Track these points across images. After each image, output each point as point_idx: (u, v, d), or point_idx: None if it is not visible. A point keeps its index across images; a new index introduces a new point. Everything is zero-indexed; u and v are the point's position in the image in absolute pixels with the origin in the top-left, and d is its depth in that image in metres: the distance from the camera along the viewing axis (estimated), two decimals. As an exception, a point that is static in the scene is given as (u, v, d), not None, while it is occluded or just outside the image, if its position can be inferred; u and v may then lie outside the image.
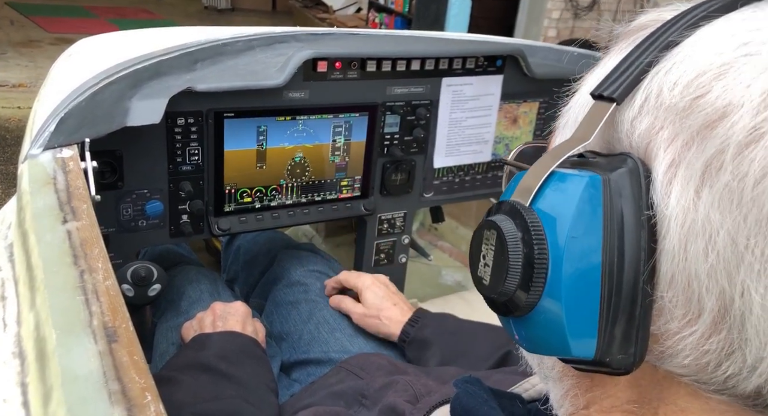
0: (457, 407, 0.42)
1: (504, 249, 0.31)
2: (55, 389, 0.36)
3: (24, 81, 3.79)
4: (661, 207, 0.29)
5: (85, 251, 0.48)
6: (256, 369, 0.74)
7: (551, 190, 0.32)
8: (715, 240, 0.27)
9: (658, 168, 0.29)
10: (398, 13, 5.18)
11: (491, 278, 0.33)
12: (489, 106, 1.09)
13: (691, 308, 0.28)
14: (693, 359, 0.29)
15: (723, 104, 0.27)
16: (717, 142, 0.27)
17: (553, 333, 0.31)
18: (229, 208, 0.95)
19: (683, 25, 0.31)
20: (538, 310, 0.31)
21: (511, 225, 0.32)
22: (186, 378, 0.68)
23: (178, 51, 0.82)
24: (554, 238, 0.31)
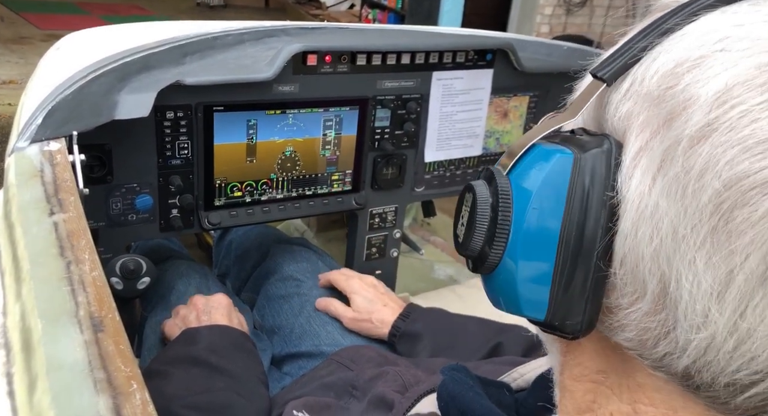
0: (443, 393, 0.43)
1: (475, 212, 0.35)
2: (41, 378, 0.36)
3: (14, 78, 3.76)
4: (623, 190, 0.31)
5: (71, 242, 0.48)
6: (246, 362, 0.74)
7: (528, 162, 0.34)
8: (660, 226, 0.28)
9: (628, 152, 0.31)
10: (391, 9, 5.17)
11: (464, 236, 0.36)
12: (479, 100, 1.10)
13: (637, 287, 0.30)
14: (636, 334, 0.31)
15: (685, 98, 0.28)
16: (675, 134, 0.28)
17: (510, 293, 0.34)
18: (220, 202, 0.95)
19: (686, 13, 0.31)
20: (499, 271, 0.34)
21: (485, 190, 0.35)
22: (177, 372, 0.68)
23: (167, 44, 0.82)
24: (520, 208, 0.33)
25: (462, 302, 1.22)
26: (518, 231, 0.33)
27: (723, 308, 0.27)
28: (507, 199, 0.33)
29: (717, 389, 0.29)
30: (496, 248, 0.34)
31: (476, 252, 0.35)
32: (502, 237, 0.33)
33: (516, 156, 0.34)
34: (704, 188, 0.27)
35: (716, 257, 0.27)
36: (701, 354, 0.28)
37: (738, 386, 0.28)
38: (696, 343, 0.28)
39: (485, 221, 0.34)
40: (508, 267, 0.34)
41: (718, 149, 0.27)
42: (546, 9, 4.75)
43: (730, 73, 0.27)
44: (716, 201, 0.27)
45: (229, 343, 0.76)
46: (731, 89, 0.27)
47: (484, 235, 0.34)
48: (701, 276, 0.27)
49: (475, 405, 0.40)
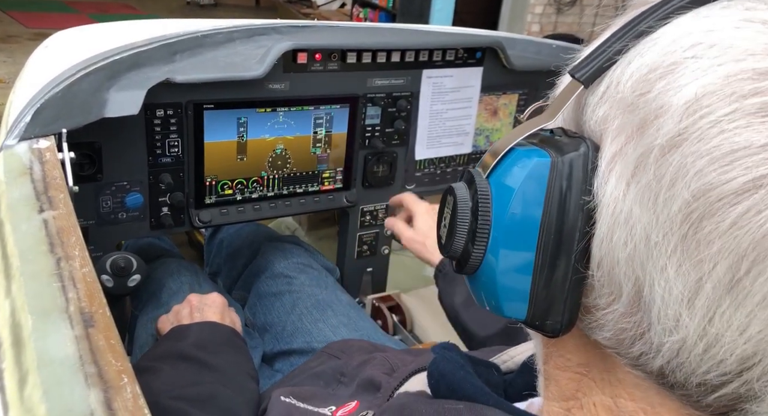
0: (434, 371, 0.44)
1: (456, 215, 0.35)
2: (31, 373, 0.36)
3: (2, 77, 3.73)
4: (599, 194, 0.31)
5: (61, 239, 0.48)
6: (235, 358, 0.74)
7: (506, 165, 0.34)
8: (633, 232, 0.29)
9: (604, 157, 0.31)
10: (382, 8, 5.17)
11: (446, 238, 0.37)
12: (469, 97, 1.10)
13: (613, 289, 0.31)
14: (613, 334, 0.32)
15: (657, 106, 0.29)
16: (647, 142, 0.29)
17: (491, 294, 0.35)
18: (210, 200, 0.95)
19: (659, 14, 0.31)
20: (481, 272, 0.35)
21: (465, 193, 0.35)
22: (165, 367, 0.68)
23: (156, 42, 0.82)
24: (499, 211, 0.34)
25: (453, 299, 1.23)
26: (498, 234, 0.33)
27: (693, 314, 0.28)
28: (486, 202, 0.34)
29: (690, 388, 0.30)
30: (477, 250, 0.34)
31: (458, 254, 0.35)
32: (482, 240, 0.34)
33: (494, 159, 0.35)
34: (675, 197, 0.27)
35: (686, 265, 0.27)
36: (674, 355, 0.29)
37: (709, 386, 0.29)
38: (669, 345, 0.29)
39: (465, 223, 0.35)
40: (488, 269, 0.34)
41: (688, 159, 0.27)
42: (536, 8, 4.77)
43: (700, 82, 0.28)
44: (686, 210, 0.27)
45: (218, 339, 0.76)
46: (701, 99, 0.27)
47: (464, 237, 0.35)
48: (672, 282, 0.28)
49: (465, 384, 0.41)
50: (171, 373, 0.67)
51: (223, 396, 0.65)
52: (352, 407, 0.43)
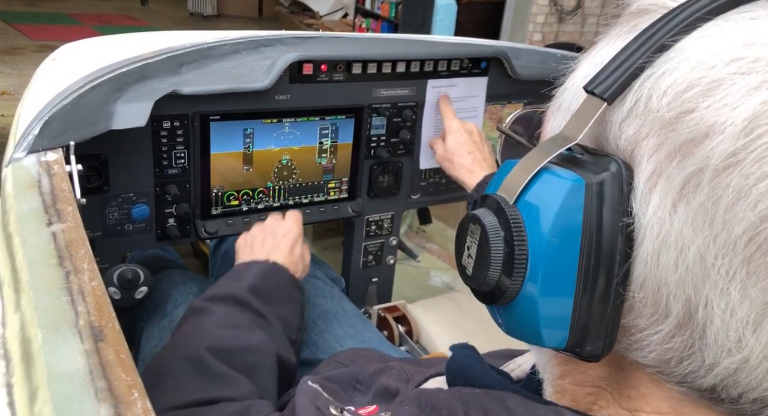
0: (452, 366, 0.44)
1: (486, 246, 0.33)
2: (41, 388, 0.36)
3: (7, 89, 3.75)
4: (639, 215, 0.30)
5: (70, 252, 0.48)
6: (285, 312, 0.75)
7: (536, 189, 0.33)
8: (686, 254, 0.28)
9: (640, 176, 0.30)
10: (385, 18, 5.20)
11: (474, 269, 0.35)
12: (474, 107, 1.10)
13: (658, 310, 0.30)
14: (657, 354, 0.31)
15: (707, 124, 0.28)
16: (697, 161, 0.28)
17: (529, 325, 0.33)
18: (216, 211, 0.95)
19: (678, 25, 0.30)
20: (516, 303, 0.33)
21: (494, 221, 0.33)
22: (219, 309, 0.70)
23: (163, 54, 0.82)
24: (535, 239, 0.32)
25: (459, 309, 1.22)
26: (536, 262, 0.32)
27: (759, 335, 0.27)
28: (521, 231, 0.32)
29: (744, 403, 0.29)
30: (515, 280, 0.32)
31: (491, 286, 0.33)
32: (520, 270, 0.32)
33: (521, 183, 0.33)
34: (737, 219, 0.27)
35: (754, 288, 0.27)
36: (731, 373, 0.28)
37: (767, 401, 0.29)
38: (725, 365, 0.28)
39: (500, 253, 0.33)
40: (527, 300, 0.32)
41: (749, 179, 0.26)
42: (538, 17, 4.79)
43: (755, 100, 0.27)
44: (752, 232, 0.26)
45: (275, 288, 0.76)
46: (758, 117, 0.27)
47: (500, 268, 0.33)
48: (736, 305, 0.27)
49: (482, 376, 0.40)
50: (220, 316, 0.69)
51: (262, 369, 0.66)
52: (371, 410, 0.42)
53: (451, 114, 1.01)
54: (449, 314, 1.20)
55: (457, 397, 0.38)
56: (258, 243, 0.84)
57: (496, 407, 0.35)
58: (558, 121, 0.36)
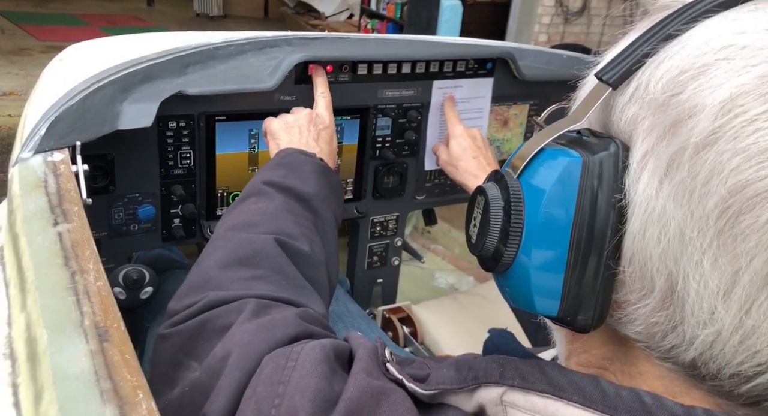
0: (488, 345, 0.45)
1: (488, 214, 0.36)
2: (47, 388, 0.36)
3: (14, 89, 3.77)
4: (631, 192, 0.32)
5: (76, 252, 0.48)
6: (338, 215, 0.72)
7: (538, 165, 0.35)
8: (667, 228, 0.30)
9: (634, 155, 0.32)
10: (390, 19, 5.20)
11: (477, 237, 0.38)
12: (480, 108, 1.10)
13: (645, 284, 0.32)
14: (644, 328, 0.32)
15: (691, 105, 0.29)
16: (681, 140, 0.29)
17: (523, 292, 0.35)
18: (221, 212, 0.95)
19: (686, 18, 0.32)
20: (512, 271, 0.35)
21: (497, 192, 0.36)
22: (279, 197, 0.66)
23: (169, 55, 0.82)
24: (532, 210, 0.34)
25: (463, 310, 1.22)
26: (531, 232, 0.34)
27: (729, 306, 0.28)
28: (519, 201, 0.34)
29: (722, 379, 0.30)
30: (510, 248, 0.35)
31: (490, 252, 0.36)
32: (516, 238, 0.34)
33: (526, 159, 0.35)
34: (710, 194, 0.28)
35: (723, 259, 0.28)
36: (707, 347, 0.30)
37: (743, 376, 0.30)
38: (702, 338, 0.30)
39: (498, 222, 0.35)
40: (521, 267, 0.35)
41: (723, 156, 0.28)
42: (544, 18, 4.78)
43: (734, 83, 0.28)
44: (722, 206, 0.28)
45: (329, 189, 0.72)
46: (735, 98, 0.28)
47: (497, 236, 0.35)
48: (708, 276, 0.28)
49: (518, 353, 0.41)
50: (287, 213, 0.64)
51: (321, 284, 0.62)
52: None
53: (455, 118, 1.01)
54: (454, 315, 1.20)
55: (494, 360, 0.39)
56: (299, 130, 0.79)
57: (532, 370, 0.36)
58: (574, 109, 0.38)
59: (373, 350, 0.43)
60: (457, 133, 0.99)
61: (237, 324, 0.48)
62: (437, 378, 0.39)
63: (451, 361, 0.41)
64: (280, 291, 0.54)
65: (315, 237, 0.65)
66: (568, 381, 0.34)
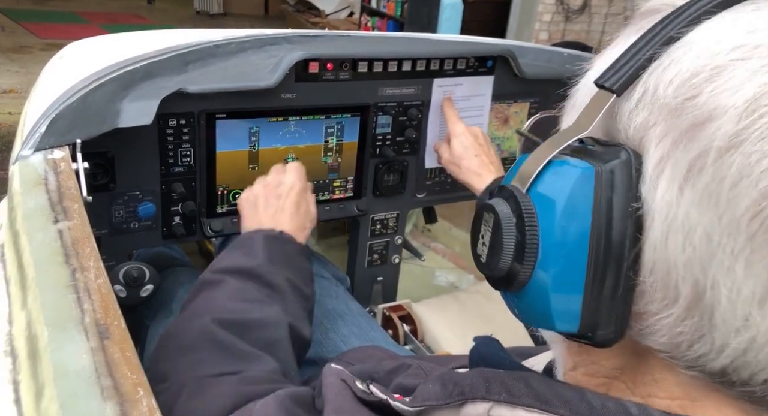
0: (474, 355, 0.44)
1: (499, 232, 0.34)
2: (47, 385, 0.36)
3: (15, 87, 3.77)
4: (648, 200, 0.31)
5: (76, 250, 0.48)
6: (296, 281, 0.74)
7: (547, 178, 0.34)
8: (692, 235, 0.29)
9: (649, 162, 0.31)
10: (390, 16, 5.20)
11: (488, 256, 0.36)
12: (480, 106, 1.10)
13: (668, 293, 0.31)
14: (668, 338, 0.31)
15: (710, 108, 0.29)
16: (702, 144, 0.29)
17: (541, 311, 0.34)
18: (222, 210, 0.95)
19: (685, 19, 0.31)
20: (528, 289, 0.34)
21: (507, 209, 0.35)
22: (231, 280, 0.69)
23: (169, 53, 0.82)
24: (546, 225, 0.33)
25: (464, 308, 1.22)
26: (547, 249, 0.33)
27: (765, 312, 0.28)
28: (532, 218, 0.33)
29: (754, 385, 0.30)
30: (526, 266, 0.33)
31: (503, 271, 0.35)
32: (531, 255, 0.33)
33: (533, 172, 0.34)
34: (739, 197, 0.27)
35: (758, 265, 0.27)
36: (740, 354, 0.29)
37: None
38: (734, 345, 0.29)
39: (512, 240, 0.34)
40: (538, 285, 0.33)
41: (751, 158, 0.27)
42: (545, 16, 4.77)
43: (755, 83, 0.28)
44: (754, 210, 0.27)
45: (284, 258, 0.75)
46: (759, 98, 0.27)
47: (512, 254, 0.34)
48: (741, 282, 0.28)
49: (504, 363, 0.41)
50: (235, 291, 0.68)
51: (280, 343, 0.65)
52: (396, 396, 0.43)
53: (455, 117, 1.01)
54: (454, 313, 1.20)
55: (479, 375, 0.38)
56: (262, 204, 0.82)
57: (518, 384, 0.36)
58: (572, 117, 0.37)
59: (341, 386, 0.43)
60: (458, 131, 0.98)
61: (177, 406, 0.53)
62: (423, 394, 0.39)
63: (437, 376, 0.41)
64: (220, 367, 0.58)
65: (270, 303, 0.68)
66: (554, 394, 0.34)
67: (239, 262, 0.72)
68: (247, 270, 0.71)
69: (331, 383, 0.44)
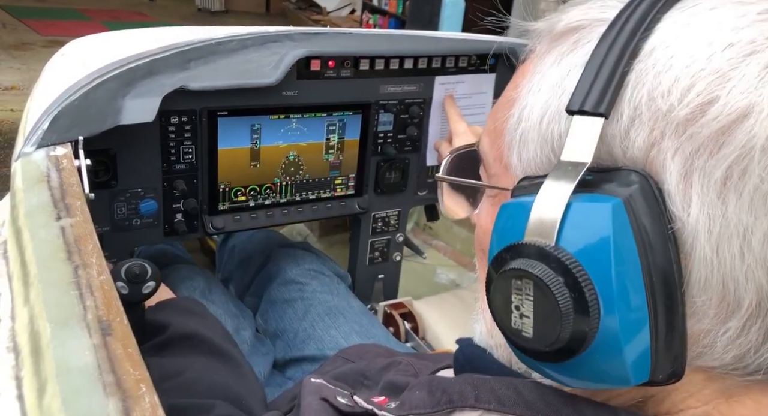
0: (459, 357, 0.43)
1: (549, 297, 0.29)
2: (50, 381, 0.36)
3: (16, 83, 3.77)
4: (683, 218, 0.29)
5: (79, 247, 0.48)
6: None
7: (574, 222, 0.30)
8: (750, 241, 0.28)
9: (670, 179, 0.29)
10: (392, 14, 5.19)
11: (536, 329, 0.31)
12: (482, 104, 1.10)
13: (725, 307, 0.29)
14: (735, 351, 0.30)
15: (738, 108, 0.28)
16: (738, 146, 0.27)
17: (615, 368, 0.30)
18: (224, 207, 0.96)
19: (639, 25, 0.30)
20: (595, 349, 0.30)
21: (546, 269, 0.29)
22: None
23: (171, 50, 0.82)
24: (598, 275, 0.29)
25: (465, 306, 1.22)
26: (609, 303, 0.29)
27: None
28: (583, 273, 0.29)
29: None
30: (592, 326, 0.29)
31: (565, 340, 0.30)
32: (595, 312, 0.29)
33: (555, 222, 0.30)
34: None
35: None
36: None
37: None
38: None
39: (569, 302, 0.29)
40: (606, 341, 0.29)
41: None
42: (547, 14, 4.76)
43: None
44: None
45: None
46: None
47: (572, 321, 0.29)
48: None
49: (491, 365, 0.40)
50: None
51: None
52: (381, 399, 0.43)
53: (458, 116, 1.01)
54: (455, 311, 1.20)
55: (468, 382, 0.37)
56: None
57: (507, 391, 0.35)
58: (527, 153, 0.35)
59: (320, 409, 0.43)
60: (460, 130, 0.98)
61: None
62: (410, 401, 0.38)
63: (424, 381, 0.40)
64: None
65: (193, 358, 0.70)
66: (544, 402, 0.33)
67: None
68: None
69: (309, 405, 0.43)
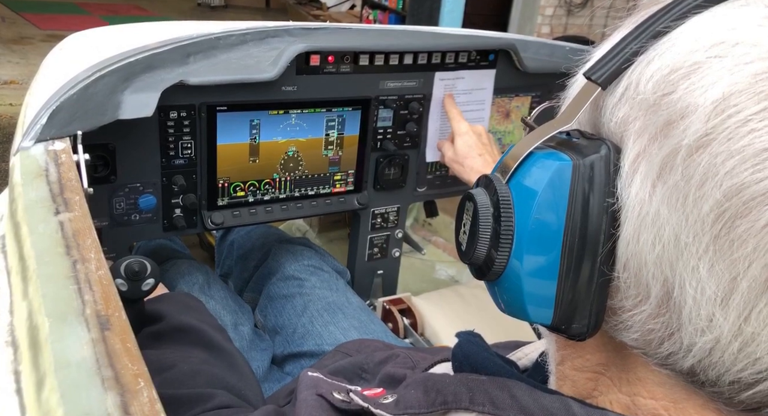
0: (458, 353, 0.44)
1: (477, 221, 0.35)
2: (48, 376, 0.36)
3: (15, 78, 3.76)
4: (623, 196, 0.31)
5: (77, 241, 0.48)
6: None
7: (527, 169, 0.34)
8: (661, 233, 0.29)
9: (626, 158, 0.31)
10: (392, 9, 5.17)
11: (467, 245, 0.36)
12: (482, 100, 1.10)
13: (640, 290, 0.31)
14: (641, 335, 0.32)
15: (683, 106, 0.29)
16: (673, 142, 0.29)
17: (516, 300, 0.34)
18: (223, 202, 0.95)
19: (675, 14, 0.31)
20: (504, 279, 0.34)
21: (486, 199, 0.35)
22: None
23: (170, 44, 0.82)
24: (522, 215, 0.33)
25: (464, 302, 1.22)
26: (521, 239, 0.33)
27: (727, 313, 0.28)
28: (508, 207, 0.34)
29: (721, 386, 0.29)
30: (501, 256, 0.34)
31: (480, 260, 0.35)
32: (506, 245, 0.33)
33: (513, 165, 0.34)
34: (705, 197, 0.27)
35: (719, 265, 0.27)
36: (706, 354, 0.29)
37: (742, 384, 0.29)
38: (700, 345, 0.29)
39: (488, 229, 0.34)
40: (513, 274, 0.34)
41: (717, 158, 0.27)
42: (547, 10, 4.76)
43: (727, 81, 0.27)
44: (717, 210, 0.27)
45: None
46: (729, 98, 0.27)
47: (487, 243, 0.34)
48: (705, 282, 0.28)
49: (488, 363, 0.41)
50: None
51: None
52: (378, 391, 0.43)
53: (459, 115, 1.01)
54: (454, 307, 1.20)
55: (462, 383, 0.38)
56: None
57: (501, 394, 0.36)
58: (563, 109, 0.37)
59: (316, 405, 0.43)
60: (462, 130, 0.98)
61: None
62: (405, 400, 0.39)
63: (419, 380, 0.41)
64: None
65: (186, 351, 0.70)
66: (538, 406, 0.34)
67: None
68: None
69: (305, 399, 0.44)
